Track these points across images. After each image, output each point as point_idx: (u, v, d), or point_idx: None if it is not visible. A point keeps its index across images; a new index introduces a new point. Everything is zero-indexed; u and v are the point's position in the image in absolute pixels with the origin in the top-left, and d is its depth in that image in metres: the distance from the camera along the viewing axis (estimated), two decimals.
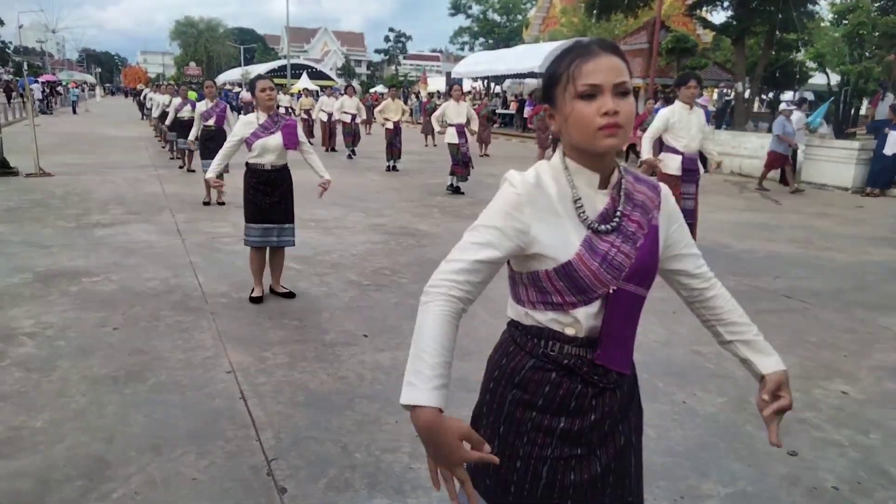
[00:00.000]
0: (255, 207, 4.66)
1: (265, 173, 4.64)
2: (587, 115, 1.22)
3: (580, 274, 1.26)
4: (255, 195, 4.65)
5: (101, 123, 25.79)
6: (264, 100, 4.60)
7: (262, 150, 4.58)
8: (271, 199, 4.66)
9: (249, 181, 4.67)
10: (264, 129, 4.59)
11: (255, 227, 4.67)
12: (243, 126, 4.59)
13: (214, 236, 6.89)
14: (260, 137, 4.57)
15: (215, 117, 9.00)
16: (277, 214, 4.71)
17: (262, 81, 4.65)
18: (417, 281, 5.44)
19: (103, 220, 7.51)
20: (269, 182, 4.66)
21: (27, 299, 4.65)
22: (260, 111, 4.63)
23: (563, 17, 44.88)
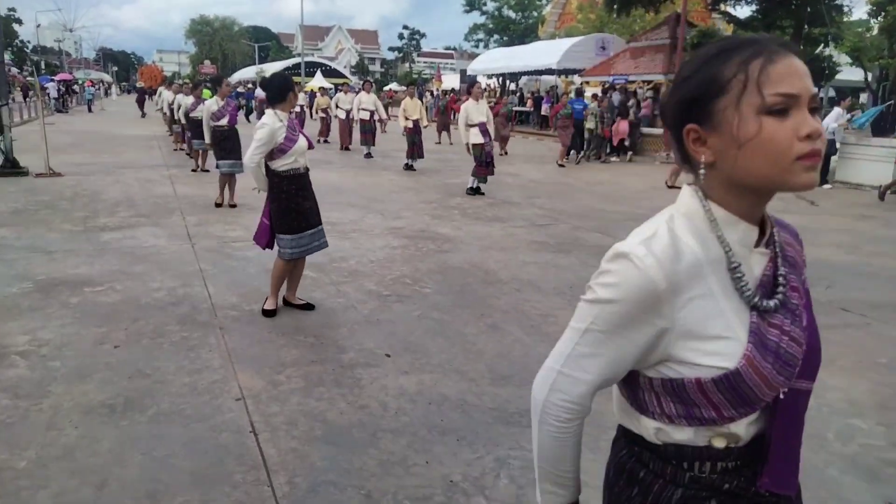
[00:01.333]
0: (298, 216, 4.32)
1: (302, 177, 4.34)
2: (782, 138, 0.85)
3: (750, 384, 0.88)
4: (297, 202, 4.31)
5: (116, 122, 25.67)
6: (295, 102, 4.33)
7: (299, 153, 4.27)
8: (309, 202, 4.39)
9: (287, 189, 4.28)
10: (293, 132, 4.27)
11: (297, 237, 4.32)
12: (274, 130, 4.17)
13: (225, 241, 6.56)
14: (294, 140, 4.24)
15: (228, 117, 8.67)
16: (315, 216, 4.44)
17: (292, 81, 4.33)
18: (441, 291, 5.07)
19: (111, 223, 7.21)
20: (306, 185, 4.38)
21: (24, 312, 4.33)
22: (281, 112, 4.27)
23: (580, 13, 44.38)
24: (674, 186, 11.10)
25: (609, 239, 7.10)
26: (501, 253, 6.37)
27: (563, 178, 12.58)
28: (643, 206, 9.45)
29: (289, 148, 4.21)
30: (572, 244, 6.84)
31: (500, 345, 3.98)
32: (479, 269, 5.76)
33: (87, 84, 41.19)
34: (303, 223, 4.32)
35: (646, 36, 23.85)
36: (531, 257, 6.23)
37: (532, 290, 5.15)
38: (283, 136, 4.19)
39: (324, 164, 13.28)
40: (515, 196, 9.97)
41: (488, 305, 4.75)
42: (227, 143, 8.59)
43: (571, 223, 8.00)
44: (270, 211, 4.36)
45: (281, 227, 4.33)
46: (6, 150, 10.60)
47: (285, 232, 4.31)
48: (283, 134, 4.19)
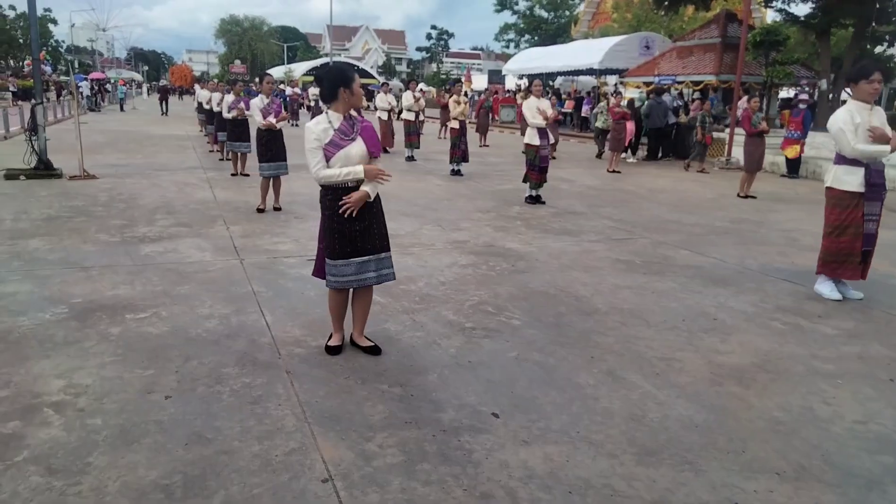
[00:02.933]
0: (342, 238, 3.58)
1: (349, 190, 3.58)
2: None
3: None
4: (340, 222, 3.57)
5: (148, 121, 25.42)
6: (360, 97, 3.59)
7: (344, 161, 3.55)
8: (362, 223, 3.61)
9: (330, 205, 3.59)
10: (343, 136, 3.55)
11: (338, 264, 3.61)
12: (318, 132, 3.54)
13: (276, 255, 5.92)
14: (340, 146, 3.52)
15: (272, 114, 8.05)
16: (372, 241, 3.65)
17: (355, 74, 3.59)
18: (532, 323, 4.35)
19: (150, 233, 6.62)
20: None
21: (59, 346, 3.71)
22: (334, 112, 3.59)
23: (615, 12, 43.38)
24: (748, 196, 10.25)
25: (700, 257, 6.33)
26: (586, 274, 5.63)
27: (621, 184, 11.78)
28: (718, 216, 8.64)
29: (331, 155, 3.51)
30: (662, 264, 6.08)
31: (628, 402, 3.25)
32: (566, 294, 5.04)
33: (120, 83, 41.30)
34: (347, 248, 3.59)
35: (694, 35, 22.82)
36: (621, 280, 5.49)
37: (639, 324, 4.40)
38: (328, 140, 3.52)
39: None
40: (577, 205, 9.22)
41: (594, 344, 4.02)
42: (272, 145, 7.98)
43: (651, 237, 7.22)
44: (321, 230, 3.71)
45: (325, 249, 3.66)
46: (40, 151, 10.14)
47: (328, 255, 3.64)
48: (329, 138, 3.52)
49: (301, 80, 44.24)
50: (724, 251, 6.66)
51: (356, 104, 3.57)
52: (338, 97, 3.54)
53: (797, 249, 6.93)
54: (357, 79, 3.56)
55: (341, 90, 3.52)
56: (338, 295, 3.74)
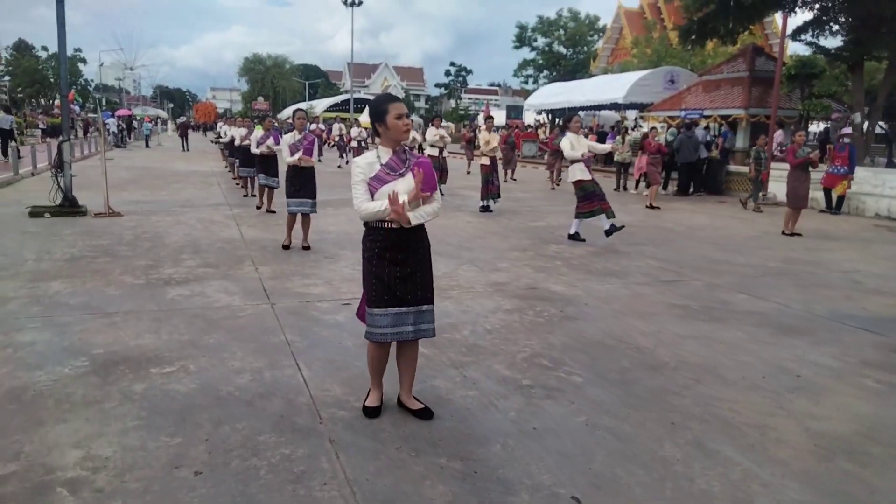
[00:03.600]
0: (378, 284, 3.21)
1: (393, 233, 3.22)
2: None
3: None
4: (380, 266, 3.21)
5: (173, 157, 25.58)
6: (400, 130, 3.21)
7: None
8: (404, 269, 3.23)
9: (371, 247, 3.24)
10: (390, 171, 3.21)
11: (379, 312, 3.22)
12: (364, 166, 3.21)
13: (308, 299, 5.57)
14: (385, 181, 3.17)
15: (303, 150, 7.77)
16: (412, 291, 3.26)
17: (396, 105, 3.22)
18: (596, 379, 3.92)
19: (176, 274, 6.32)
20: (400, 245, 3.24)
21: (77, 407, 3.35)
22: (383, 147, 3.27)
23: (635, 48, 43.51)
24: (793, 234, 9.77)
25: (762, 302, 5.86)
26: (643, 321, 5.19)
27: (657, 220, 11.35)
28: (768, 256, 8.16)
29: (374, 190, 3.16)
30: (722, 310, 5.62)
31: (728, 483, 2.79)
32: (626, 345, 4.60)
33: (146, 120, 41.97)
34: (385, 295, 3.20)
35: (721, 68, 22.56)
36: (683, 328, 5.04)
37: (715, 381, 3.95)
38: (373, 174, 3.18)
39: None
40: (617, 243, 8.80)
41: (671, 407, 3.58)
42: (298, 180, 7.70)
43: (702, 279, 6.77)
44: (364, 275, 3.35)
45: (366, 296, 3.29)
46: (66, 189, 9.99)
47: (368, 303, 3.27)
48: (374, 172, 3.19)
49: (322, 115, 44.63)
50: (786, 295, 6.19)
51: (396, 138, 3.21)
52: (379, 132, 3.24)
53: (863, 293, 6.43)
54: (393, 110, 3.17)
55: (377, 125, 3.23)
56: (377, 349, 3.35)
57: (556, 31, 57.76)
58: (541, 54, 58.63)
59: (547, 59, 58.43)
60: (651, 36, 43.46)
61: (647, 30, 45.76)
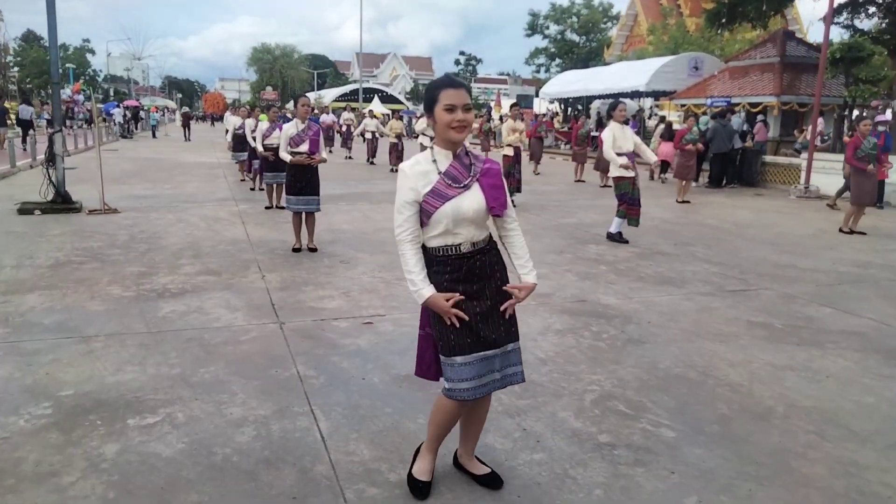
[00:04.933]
0: (462, 327, 2.35)
1: (461, 260, 2.37)
2: None
3: None
4: (455, 304, 2.34)
5: (178, 148, 24.82)
6: (448, 127, 2.29)
7: (453, 220, 2.31)
8: (482, 303, 2.39)
9: (437, 280, 2.37)
10: (453, 182, 2.34)
11: (465, 361, 2.36)
12: (415, 176, 2.33)
13: (323, 317, 4.75)
14: (447, 197, 2.31)
15: (307, 143, 6.89)
16: (496, 329, 2.42)
17: (448, 92, 2.29)
18: (693, 435, 3.08)
19: (172, 284, 5.52)
20: (475, 274, 2.39)
21: (25, 482, 2.55)
22: (440, 147, 2.38)
23: (651, 35, 42.30)
24: (853, 231, 8.85)
25: (852, 318, 5.00)
26: (723, 345, 4.34)
27: (697, 216, 10.46)
28: (834, 259, 7.27)
29: (433, 209, 2.30)
30: (810, 329, 4.76)
31: None
32: (714, 380, 3.75)
33: (153, 110, 41.26)
34: (467, 338, 2.36)
35: (749, 54, 21.49)
36: (773, 355, 4.18)
37: (843, 436, 3.10)
38: (430, 188, 2.31)
39: None
40: (661, 243, 7.93)
41: (802, 478, 2.73)
42: (302, 175, 6.82)
43: (772, 288, 5.90)
44: (429, 315, 2.48)
45: (441, 345, 2.42)
46: (57, 183, 9.22)
47: (446, 352, 2.41)
48: (431, 186, 2.31)
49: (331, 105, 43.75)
50: (876, 309, 5.31)
51: (445, 137, 2.32)
52: (434, 121, 2.36)
53: None
54: (444, 98, 2.27)
55: (429, 118, 2.37)
56: (456, 407, 2.47)
57: (568, 18, 56.52)
58: (553, 42, 57.42)
59: (560, 47, 57.21)
60: (668, 23, 42.26)
61: (664, 16, 44.53)
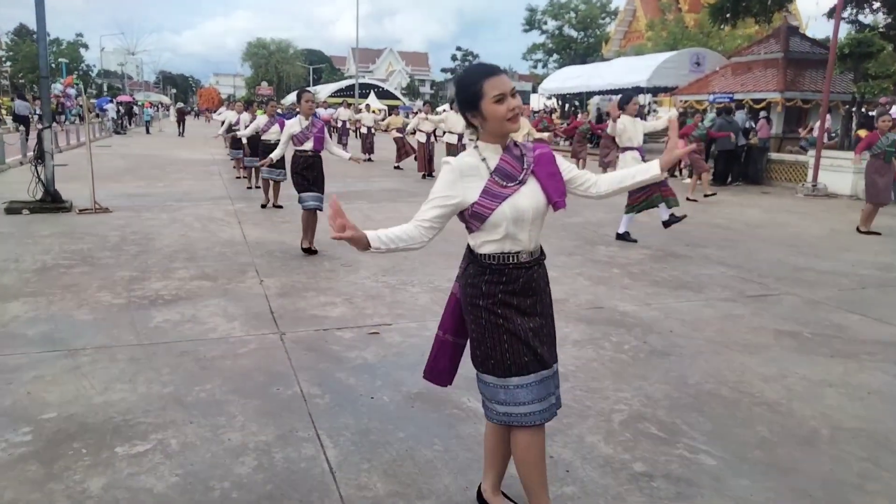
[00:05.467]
0: (515, 342, 2.07)
1: (519, 270, 2.09)
2: None
3: None
4: (510, 317, 2.08)
5: (172, 145, 24.45)
6: (503, 119, 2.00)
7: (513, 222, 2.03)
8: (534, 319, 2.12)
9: (491, 291, 2.08)
10: (506, 180, 2.04)
11: (521, 382, 2.08)
12: (462, 174, 2.03)
13: (326, 326, 4.47)
14: (503, 196, 2.02)
15: (312, 140, 6.61)
16: (549, 347, 2.17)
17: (493, 80, 1.99)
18: (735, 462, 2.81)
19: (165, 290, 5.22)
20: (530, 288, 2.12)
21: None
22: (486, 142, 2.09)
23: (650, 30, 42.05)
24: (871, 232, 8.61)
25: (884, 327, 4.76)
26: (753, 357, 4.08)
27: (705, 216, 10.20)
28: (854, 261, 7.02)
29: (487, 212, 2.00)
30: (842, 338, 4.50)
31: None
32: (749, 397, 3.49)
33: (146, 105, 40.79)
34: (525, 356, 2.07)
35: (751, 50, 21.24)
36: (809, 369, 3.92)
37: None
38: (478, 190, 2.02)
39: (407, 196, 11.31)
40: (672, 244, 7.67)
41: None
42: (310, 173, 6.58)
43: (794, 293, 5.64)
44: (469, 328, 2.20)
45: (485, 364, 2.13)
46: (47, 182, 8.90)
47: (492, 372, 2.12)
48: (479, 185, 2.02)
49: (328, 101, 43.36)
50: None
51: (500, 131, 2.04)
52: (474, 125, 2.08)
53: None
54: (491, 89, 1.97)
55: (470, 116, 2.06)
56: (503, 434, 2.27)
57: (566, 13, 56.18)
58: (551, 38, 57.09)
59: (557, 42, 56.89)
60: (666, 18, 42.02)
61: (662, 12, 44.28)
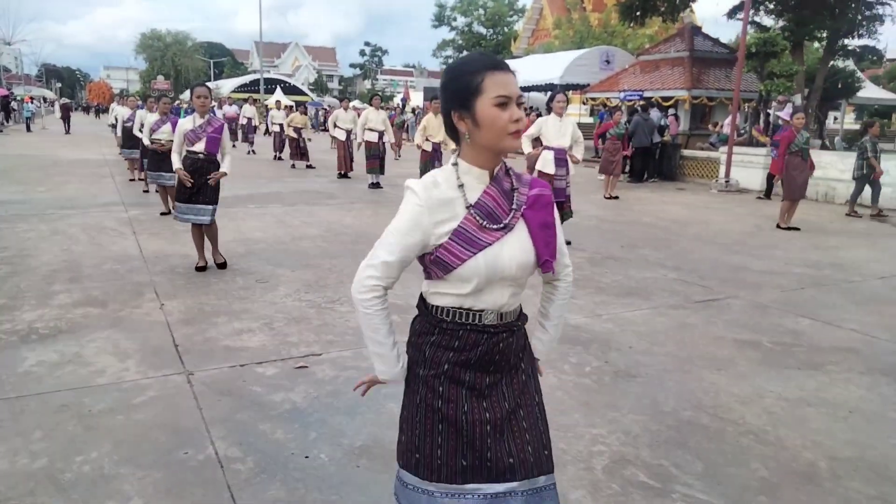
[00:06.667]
0: (449, 433, 1.51)
1: (479, 335, 1.53)
2: None
3: None
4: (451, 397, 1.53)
5: (57, 143, 22.24)
6: (504, 131, 1.44)
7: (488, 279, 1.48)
8: (497, 405, 1.56)
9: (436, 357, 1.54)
10: (488, 221, 1.49)
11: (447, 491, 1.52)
12: (431, 207, 1.46)
13: (243, 360, 3.78)
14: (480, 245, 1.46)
15: (206, 140, 5.73)
16: (518, 448, 1.55)
17: (497, 76, 1.44)
18: None
19: (41, 322, 4.33)
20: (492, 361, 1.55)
21: None
22: (470, 161, 1.51)
23: (557, 29, 42.89)
24: (790, 227, 8.75)
25: (836, 331, 4.62)
26: (721, 375, 3.77)
27: (629, 212, 10.13)
28: (784, 259, 7.03)
29: (456, 263, 1.45)
30: (802, 347, 4.30)
31: None
32: (733, 426, 3.14)
33: (27, 100, 37.22)
34: (461, 458, 1.51)
35: (658, 49, 21.83)
36: (781, 385, 3.65)
37: None
38: (451, 227, 1.46)
39: (325, 199, 10.58)
40: (607, 245, 7.44)
41: None
42: (197, 179, 5.68)
43: (739, 296, 5.47)
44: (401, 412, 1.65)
45: (407, 457, 1.57)
46: None
47: (422, 473, 1.54)
48: (453, 224, 1.46)
49: (232, 96, 41.27)
50: (853, 317, 4.96)
51: (497, 147, 1.47)
52: (458, 131, 1.49)
53: None
54: (492, 87, 1.42)
55: (457, 115, 1.48)
56: None
57: (475, 10, 56.48)
58: (460, 34, 57.22)
59: (467, 39, 57.09)
60: (573, 17, 42.95)
61: (569, 10, 45.22)
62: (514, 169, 1.57)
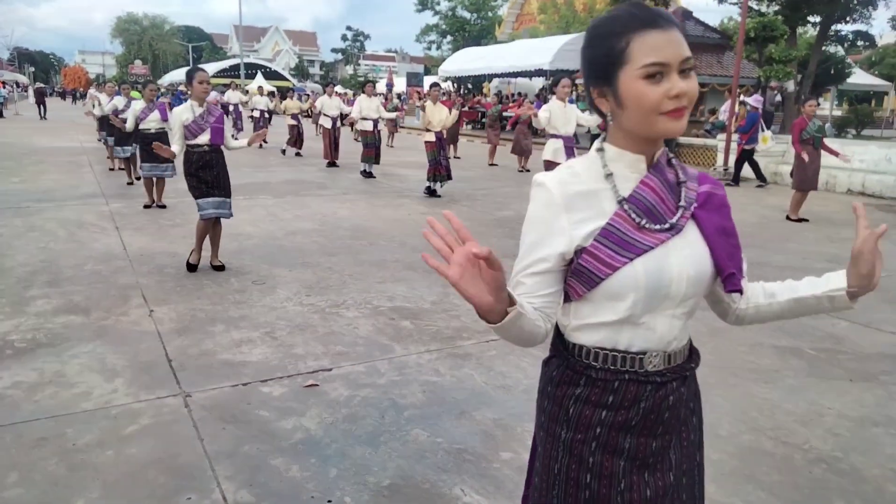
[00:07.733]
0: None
1: (642, 388, 1.17)
2: None
3: None
4: (602, 466, 1.17)
5: (32, 130, 21.44)
6: (655, 109, 1.07)
7: (649, 295, 1.11)
8: (661, 477, 1.21)
9: (585, 417, 1.19)
10: (648, 219, 1.14)
11: None
12: (567, 203, 1.12)
13: (246, 379, 3.40)
14: (640, 250, 1.10)
15: (210, 131, 5.32)
16: None
17: (651, 35, 1.06)
18: None
19: (16, 334, 3.91)
20: (659, 421, 1.19)
21: None
22: (619, 145, 1.18)
23: (542, 14, 42.41)
24: (801, 219, 8.49)
25: (874, 333, 4.35)
26: (770, 388, 3.46)
27: None
28: (800, 252, 6.77)
29: (604, 272, 1.11)
30: (843, 352, 4.01)
31: None
32: (800, 452, 2.84)
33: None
34: None
35: None
36: (838, 401, 3.35)
37: None
38: (598, 229, 1.12)
39: (316, 189, 10.16)
40: None
41: None
42: (208, 173, 5.31)
43: None
44: (533, 464, 1.29)
45: None
46: None
47: None
48: (600, 223, 1.12)
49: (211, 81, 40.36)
50: (891, 318, 4.70)
51: (644, 128, 1.10)
52: (602, 113, 1.16)
53: None
54: (643, 49, 1.05)
55: (598, 88, 1.14)
56: None
57: None
58: (444, 19, 56.49)
59: (451, 24, 56.38)
60: (558, 1, 42.46)
61: None
62: (676, 160, 1.21)
